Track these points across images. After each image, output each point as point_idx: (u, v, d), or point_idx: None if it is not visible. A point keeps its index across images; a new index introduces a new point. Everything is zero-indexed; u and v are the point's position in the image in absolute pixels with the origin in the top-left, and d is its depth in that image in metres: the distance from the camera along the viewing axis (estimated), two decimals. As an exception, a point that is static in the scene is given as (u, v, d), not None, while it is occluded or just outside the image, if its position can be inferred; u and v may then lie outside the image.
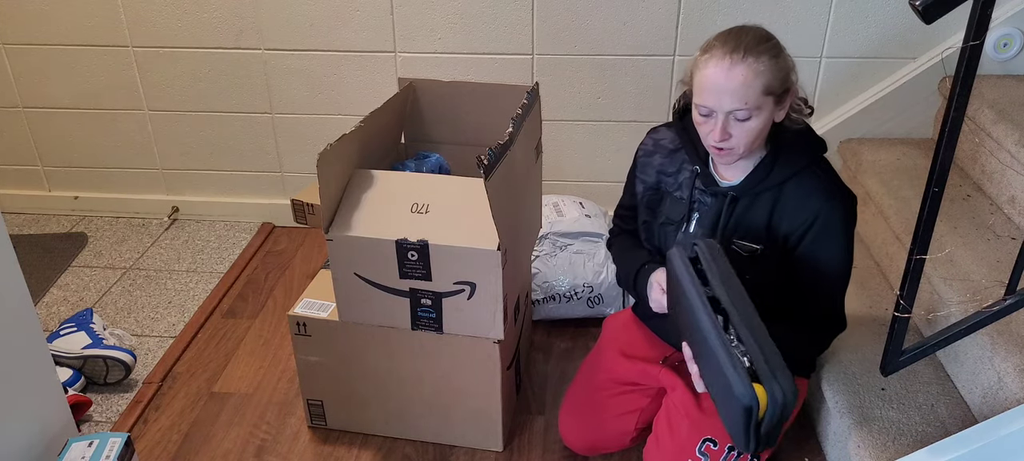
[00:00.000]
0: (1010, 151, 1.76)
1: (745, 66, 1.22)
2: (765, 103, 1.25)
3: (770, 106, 1.26)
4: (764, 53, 1.23)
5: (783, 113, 1.30)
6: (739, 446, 1.10)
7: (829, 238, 1.32)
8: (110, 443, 1.39)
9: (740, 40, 1.24)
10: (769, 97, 1.25)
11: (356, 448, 1.68)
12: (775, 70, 1.24)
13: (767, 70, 1.23)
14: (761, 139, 1.31)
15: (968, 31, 1.06)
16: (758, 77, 1.22)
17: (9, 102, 2.49)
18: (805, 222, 1.31)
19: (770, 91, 1.24)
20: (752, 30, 1.26)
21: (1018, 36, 2.03)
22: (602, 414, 1.58)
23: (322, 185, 1.40)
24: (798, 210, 1.31)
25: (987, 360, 1.42)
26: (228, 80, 2.37)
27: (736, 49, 1.23)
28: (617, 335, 1.65)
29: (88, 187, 2.64)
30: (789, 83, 1.28)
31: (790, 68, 1.28)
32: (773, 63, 1.24)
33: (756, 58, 1.23)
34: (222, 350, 1.99)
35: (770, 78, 1.24)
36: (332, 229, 1.46)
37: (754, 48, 1.23)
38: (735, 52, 1.23)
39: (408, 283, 1.47)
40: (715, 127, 1.26)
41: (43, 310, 2.17)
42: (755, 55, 1.23)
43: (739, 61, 1.22)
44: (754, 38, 1.25)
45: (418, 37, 2.24)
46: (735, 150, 1.29)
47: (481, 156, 1.32)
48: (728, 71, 1.22)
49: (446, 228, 1.43)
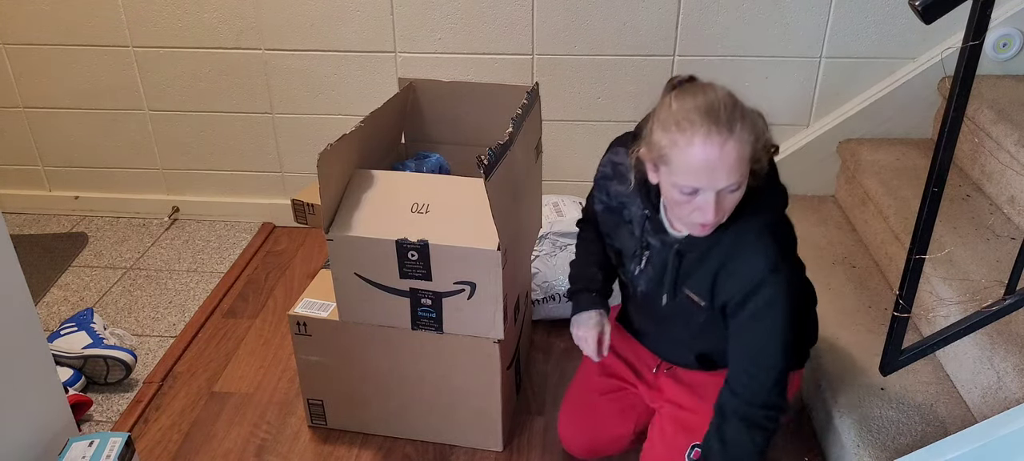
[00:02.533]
0: (1010, 151, 1.76)
1: (736, 140, 1.14)
2: (745, 176, 1.19)
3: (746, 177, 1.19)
4: (744, 119, 1.16)
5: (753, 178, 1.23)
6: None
7: (769, 313, 1.25)
8: (110, 443, 1.39)
9: (720, 113, 1.14)
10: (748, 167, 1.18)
11: (356, 448, 1.68)
12: (757, 133, 1.17)
13: (751, 135, 1.16)
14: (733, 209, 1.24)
15: (968, 31, 1.06)
16: (747, 146, 1.15)
17: (9, 102, 2.49)
18: (744, 291, 1.25)
19: (749, 161, 1.18)
20: (721, 96, 1.17)
21: (1018, 36, 2.04)
22: (600, 417, 1.57)
23: (322, 185, 1.40)
24: (740, 276, 1.25)
25: (987, 360, 1.42)
26: (228, 80, 2.38)
27: (720, 123, 1.14)
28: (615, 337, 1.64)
29: (88, 187, 2.64)
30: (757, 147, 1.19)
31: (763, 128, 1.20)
32: (752, 126, 1.16)
33: (742, 127, 1.15)
34: (222, 350, 2.00)
35: (755, 143, 1.17)
36: (332, 229, 1.46)
37: (736, 117, 1.15)
38: (722, 127, 1.14)
39: (408, 283, 1.47)
40: (707, 207, 1.17)
41: (44, 310, 2.17)
42: (740, 125, 1.15)
43: (730, 136, 1.13)
44: (729, 106, 1.16)
45: (418, 37, 2.24)
46: (717, 221, 1.21)
47: (481, 156, 1.32)
48: (722, 148, 1.13)
49: (446, 228, 1.43)
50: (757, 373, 1.28)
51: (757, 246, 1.24)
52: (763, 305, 1.25)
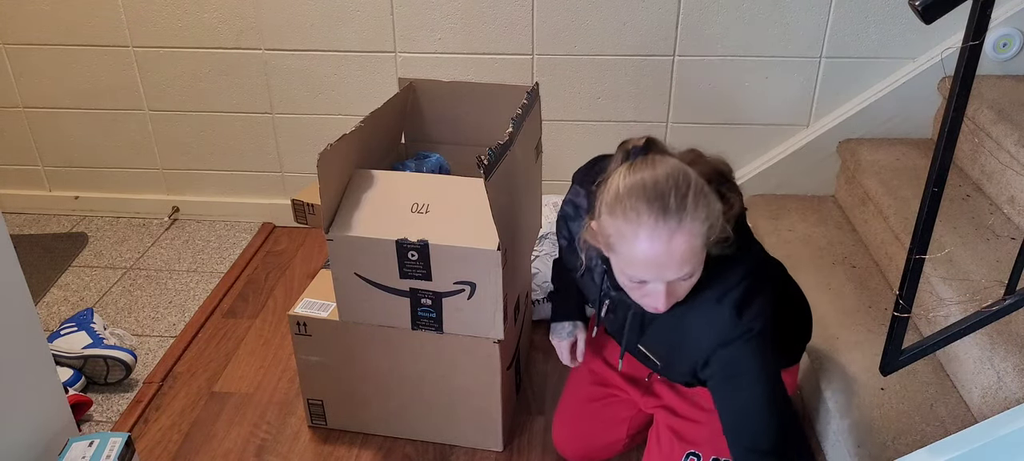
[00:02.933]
0: (1010, 151, 1.76)
1: (685, 232, 1.05)
2: (697, 270, 1.12)
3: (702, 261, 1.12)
4: (697, 203, 1.06)
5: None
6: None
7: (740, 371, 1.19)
8: (110, 443, 1.40)
9: (669, 200, 1.05)
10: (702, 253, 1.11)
11: (356, 448, 1.68)
12: (711, 216, 1.08)
13: (704, 222, 1.07)
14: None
15: (968, 31, 1.06)
16: (698, 237, 1.06)
17: (9, 102, 2.50)
18: (705, 354, 1.21)
19: (705, 246, 1.10)
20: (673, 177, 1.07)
21: (1017, 36, 2.04)
22: (592, 424, 1.57)
23: (322, 185, 1.40)
24: (700, 340, 1.21)
25: (987, 360, 1.42)
26: (228, 80, 2.38)
27: (668, 213, 1.04)
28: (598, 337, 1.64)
29: (88, 187, 2.64)
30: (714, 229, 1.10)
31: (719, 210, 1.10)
32: (706, 209, 1.07)
33: (693, 216, 1.05)
34: (222, 350, 2.00)
35: (708, 229, 1.08)
36: (332, 229, 1.46)
37: (686, 205, 1.05)
38: (669, 218, 1.04)
39: (408, 283, 1.47)
40: (657, 295, 1.11)
41: (43, 310, 2.17)
42: (691, 213, 1.05)
43: (677, 229, 1.04)
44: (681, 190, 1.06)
45: (418, 37, 2.24)
46: (672, 302, 1.16)
47: (481, 156, 1.32)
48: (668, 243, 1.05)
49: (446, 228, 1.43)
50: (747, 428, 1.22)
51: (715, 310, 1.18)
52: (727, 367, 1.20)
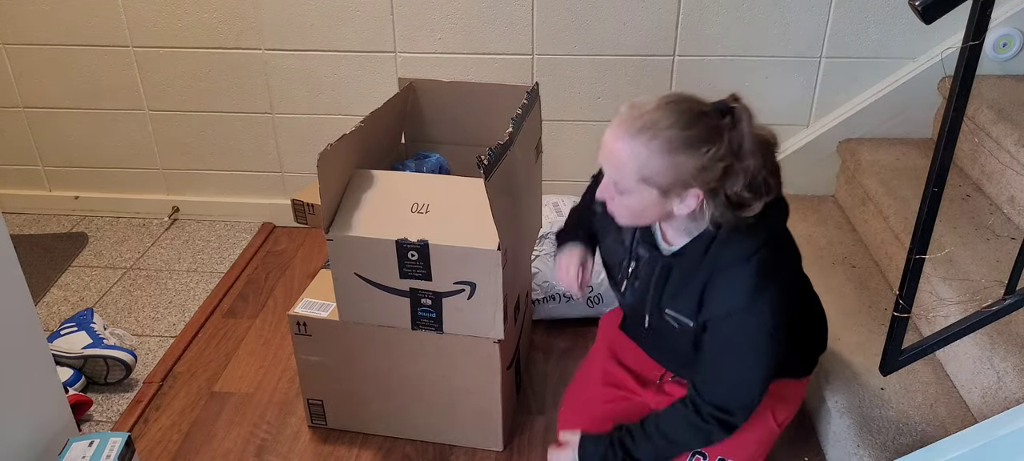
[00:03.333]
0: (1010, 151, 1.76)
1: (625, 141, 1.12)
2: (640, 190, 1.14)
3: (651, 195, 1.15)
4: (656, 140, 1.10)
5: (686, 209, 1.16)
6: None
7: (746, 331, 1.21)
8: (110, 443, 1.40)
9: (640, 115, 1.12)
10: (647, 187, 1.13)
11: (356, 448, 1.68)
12: (660, 163, 1.11)
13: (649, 160, 1.11)
14: (652, 217, 1.21)
15: (968, 31, 1.06)
16: (633, 159, 1.12)
17: (9, 102, 2.49)
18: (723, 312, 1.22)
19: (648, 182, 1.13)
20: (677, 108, 1.12)
21: (1017, 36, 2.04)
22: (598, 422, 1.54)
23: (322, 185, 1.40)
24: (722, 300, 1.21)
25: (987, 360, 1.42)
26: (228, 80, 2.38)
27: (627, 121, 1.12)
28: (612, 336, 1.64)
29: (88, 187, 2.64)
30: (686, 182, 1.12)
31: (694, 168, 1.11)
32: (662, 154, 1.10)
33: (644, 142, 1.11)
34: (222, 350, 2.00)
35: (649, 170, 1.12)
36: (332, 229, 1.46)
37: (650, 129, 1.11)
38: (624, 124, 1.12)
39: (408, 283, 1.47)
40: (605, 187, 1.20)
41: (43, 310, 2.17)
42: (644, 138, 1.11)
43: (621, 136, 1.12)
44: (663, 119, 1.11)
45: (418, 37, 2.24)
46: (619, 215, 1.21)
47: (481, 156, 1.32)
48: (610, 140, 1.14)
49: (446, 228, 1.43)
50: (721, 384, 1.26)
51: (740, 274, 1.19)
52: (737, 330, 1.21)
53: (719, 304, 1.22)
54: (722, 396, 1.26)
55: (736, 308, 1.20)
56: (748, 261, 1.19)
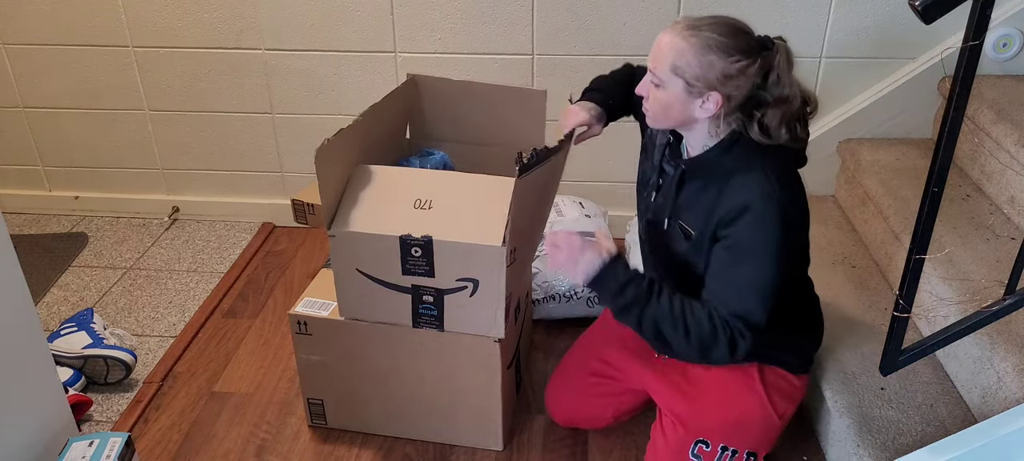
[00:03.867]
0: (1010, 151, 1.76)
1: (671, 36, 1.23)
2: (671, 82, 1.24)
3: (677, 89, 1.24)
4: (696, 37, 1.21)
5: (705, 113, 1.25)
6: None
7: (752, 234, 1.25)
8: (110, 443, 1.40)
9: (704, 19, 1.24)
10: (677, 79, 1.23)
11: (356, 447, 1.68)
12: (693, 58, 1.21)
13: (684, 52, 1.22)
14: (674, 118, 1.29)
15: (968, 31, 1.06)
16: (672, 51, 1.23)
17: (9, 102, 2.49)
18: (735, 211, 1.25)
19: (678, 73, 1.23)
20: (724, 21, 1.24)
21: (1017, 36, 2.04)
22: (583, 394, 1.64)
23: (321, 180, 1.40)
24: (734, 200, 1.26)
25: (987, 360, 1.42)
26: (228, 80, 2.38)
27: (688, 23, 1.24)
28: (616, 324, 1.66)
29: (88, 187, 2.64)
30: (711, 84, 1.22)
31: (720, 73, 1.21)
32: (697, 51, 1.21)
33: (685, 37, 1.22)
34: (222, 350, 2.00)
35: (682, 61, 1.22)
36: (334, 225, 1.46)
37: (694, 29, 1.22)
38: (684, 24, 1.24)
39: (410, 279, 1.47)
40: (643, 85, 1.31)
41: (44, 310, 2.17)
42: (687, 34, 1.22)
43: (673, 30, 1.24)
44: (708, 22, 1.23)
45: (418, 37, 2.24)
46: (650, 113, 1.32)
47: (522, 152, 1.31)
48: (665, 34, 1.25)
49: (450, 224, 1.42)
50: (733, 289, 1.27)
51: (754, 178, 1.25)
52: (751, 225, 1.24)
53: (731, 203, 1.26)
54: (734, 303, 1.26)
55: (747, 206, 1.24)
56: (763, 170, 1.25)
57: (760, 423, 1.45)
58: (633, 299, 1.27)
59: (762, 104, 1.25)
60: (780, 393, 1.46)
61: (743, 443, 1.44)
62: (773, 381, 1.46)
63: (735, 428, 1.44)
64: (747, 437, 1.44)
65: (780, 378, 1.47)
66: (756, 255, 1.25)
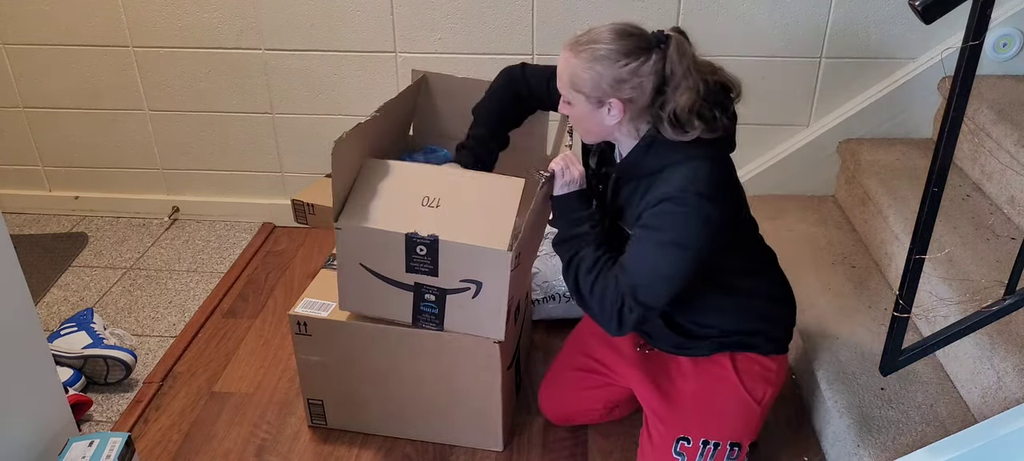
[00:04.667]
0: (1010, 151, 1.76)
1: (565, 53, 1.29)
2: (575, 98, 1.30)
3: (581, 103, 1.29)
4: (585, 50, 1.26)
5: (613, 119, 1.29)
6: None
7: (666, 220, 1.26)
8: (110, 443, 1.40)
9: (586, 32, 1.28)
10: (578, 94, 1.28)
11: (356, 448, 1.68)
12: (582, 72, 1.26)
13: (576, 67, 1.27)
14: (595, 132, 1.34)
15: (968, 31, 1.06)
16: (567, 69, 1.28)
17: (9, 102, 2.49)
18: (654, 201, 1.28)
19: (576, 88, 1.28)
20: (610, 28, 1.28)
21: (1017, 36, 2.04)
22: (572, 390, 1.66)
23: (335, 174, 1.39)
24: (656, 192, 1.28)
25: (987, 360, 1.42)
26: (228, 80, 2.38)
27: (573, 38, 1.28)
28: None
29: (88, 187, 2.64)
30: (605, 92, 1.26)
31: (612, 79, 1.25)
32: (585, 64, 1.26)
33: (575, 52, 1.27)
34: (222, 350, 2.00)
35: (576, 78, 1.27)
36: (341, 218, 1.45)
37: (582, 44, 1.27)
38: (571, 39, 1.29)
39: (414, 277, 1.46)
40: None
41: (43, 310, 2.17)
42: (577, 49, 1.27)
43: (566, 48, 1.29)
44: (594, 35, 1.27)
45: (418, 37, 2.24)
46: (576, 129, 1.37)
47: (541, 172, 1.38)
48: (562, 51, 1.30)
49: (457, 225, 1.42)
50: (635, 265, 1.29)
51: (679, 173, 1.27)
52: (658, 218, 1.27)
53: (652, 196, 1.29)
54: (632, 277, 1.29)
55: (666, 197, 1.26)
56: (685, 164, 1.27)
57: (738, 412, 1.45)
58: (581, 234, 1.35)
59: (667, 100, 1.26)
60: (755, 378, 1.46)
61: (724, 435, 1.44)
62: (746, 367, 1.46)
63: (714, 421, 1.45)
64: (727, 428, 1.45)
65: (753, 363, 1.46)
66: (662, 242, 1.27)
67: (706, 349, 1.47)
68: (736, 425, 1.45)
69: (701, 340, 1.47)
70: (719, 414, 1.45)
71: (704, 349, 1.47)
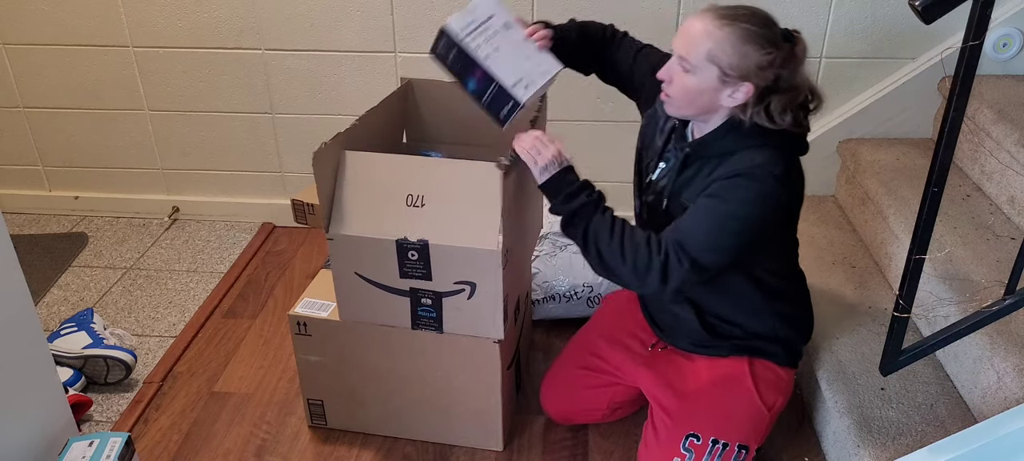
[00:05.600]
0: (1010, 151, 1.76)
1: (706, 23, 1.25)
2: (705, 69, 1.25)
3: (712, 77, 1.25)
4: (732, 27, 1.24)
5: (733, 100, 1.28)
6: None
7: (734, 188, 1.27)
8: (110, 443, 1.39)
9: (734, 9, 1.26)
10: (712, 67, 1.25)
11: (356, 448, 1.68)
12: (730, 47, 1.23)
13: (722, 41, 1.23)
14: (699, 106, 1.30)
15: (968, 31, 1.06)
16: (709, 39, 1.24)
17: (9, 102, 2.49)
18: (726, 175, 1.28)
19: (714, 61, 1.24)
20: (756, 12, 1.27)
21: (1017, 36, 2.04)
22: (576, 387, 1.66)
23: (319, 183, 1.40)
24: (730, 168, 1.29)
25: (987, 360, 1.42)
26: (228, 80, 2.38)
27: (720, 11, 1.25)
28: (610, 319, 1.70)
29: (88, 187, 2.64)
30: (745, 74, 1.25)
31: (755, 64, 1.24)
32: (735, 39, 1.23)
33: (721, 26, 1.24)
34: (222, 350, 2.00)
35: (720, 50, 1.24)
36: (332, 227, 1.45)
37: (731, 18, 1.24)
38: (716, 13, 1.25)
39: (408, 282, 1.47)
40: (667, 69, 1.31)
41: (43, 310, 2.17)
42: (723, 23, 1.24)
43: (709, 19, 1.25)
44: (742, 13, 1.25)
45: (418, 37, 2.24)
46: (671, 99, 1.32)
47: (502, 159, 1.34)
48: (695, 21, 1.26)
49: (445, 225, 1.42)
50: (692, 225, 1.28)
51: (755, 153, 1.28)
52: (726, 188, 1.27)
53: (723, 172, 1.29)
54: (686, 235, 1.27)
55: (739, 172, 1.27)
56: (763, 149, 1.28)
57: (750, 415, 1.46)
58: (581, 206, 1.31)
59: (774, 92, 1.27)
60: (769, 385, 1.48)
61: (734, 436, 1.44)
62: (762, 373, 1.48)
63: (726, 420, 1.45)
64: (738, 429, 1.45)
65: (768, 371, 1.49)
66: (725, 207, 1.27)
67: (726, 350, 1.48)
68: (746, 428, 1.45)
69: (724, 340, 1.48)
70: (731, 415, 1.46)
71: (724, 349, 1.49)
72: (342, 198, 1.47)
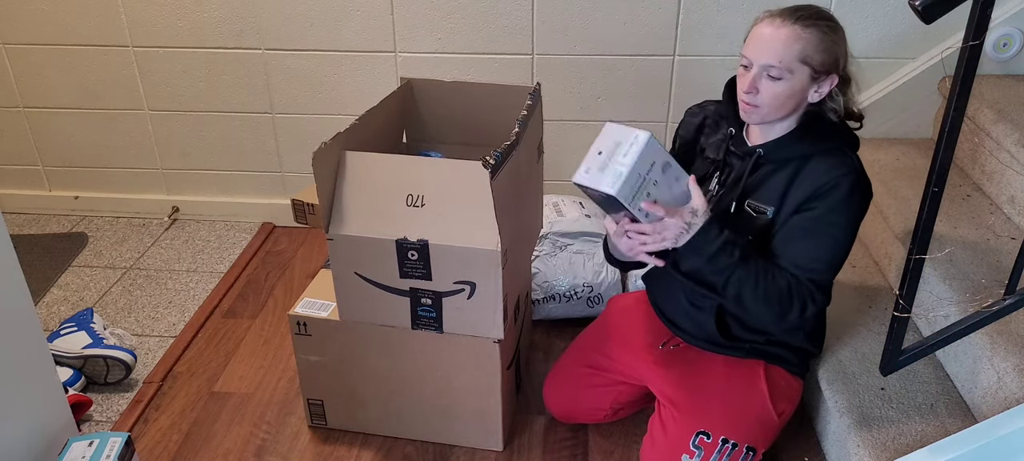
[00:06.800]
0: (1010, 151, 1.76)
1: (790, 28, 1.27)
2: (799, 70, 1.28)
3: (804, 77, 1.28)
4: (814, 26, 1.27)
5: (818, 95, 1.32)
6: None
7: (838, 204, 1.31)
8: (110, 443, 1.39)
9: (799, 9, 1.29)
10: (805, 67, 1.28)
11: (356, 448, 1.68)
12: (820, 44, 1.27)
13: (811, 39, 1.27)
14: (788, 108, 1.32)
15: (968, 31, 1.06)
16: (798, 41, 1.26)
17: (9, 102, 2.49)
18: (824, 186, 1.31)
19: (807, 61, 1.27)
20: (815, 7, 1.30)
21: (1018, 36, 2.04)
22: (580, 386, 1.66)
23: (319, 183, 1.40)
24: (821, 176, 1.32)
25: (987, 360, 1.42)
26: (228, 80, 2.38)
27: (791, 14, 1.28)
28: (617, 319, 1.70)
29: (88, 187, 2.64)
30: (833, 66, 1.30)
31: (840, 54, 1.30)
32: (821, 36, 1.27)
33: (805, 26, 1.27)
34: (222, 350, 2.00)
35: (812, 49, 1.27)
36: (332, 227, 1.45)
37: (807, 18, 1.28)
38: (788, 16, 1.28)
39: (408, 282, 1.47)
40: (747, 77, 1.31)
41: (43, 310, 2.17)
42: (805, 23, 1.27)
43: (788, 23, 1.27)
44: (812, 12, 1.29)
45: (418, 37, 2.24)
46: (760, 109, 1.32)
47: (487, 157, 1.32)
48: (775, 28, 1.28)
49: (445, 225, 1.42)
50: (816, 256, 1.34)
51: (836, 157, 1.33)
52: (835, 200, 1.31)
53: (820, 179, 1.31)
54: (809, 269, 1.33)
55: (837, 182, 1.30)
56: (842, 151, 1.34)
57: (761, 418, 1.47)
58: (725, 266, 1.32)
59: (847, 80, 1.34)
60: (781, 392, 1.49)
61: (744, 437, 1.45)
62: (776, 379, 1.49)
63: (738, 421, 1.45)
64: (748, 431, 1.45)
65: (781, 377, 1.50)
66: (836, 228, 1.32)
67: (744, 352, 1.49)
68: (756, 430, 1.46)
69: (743, 342, 1.49)
70: (743, 415, 1.46)
71: (742, 351, 1.49)
72: (342, 198, 1.47)
